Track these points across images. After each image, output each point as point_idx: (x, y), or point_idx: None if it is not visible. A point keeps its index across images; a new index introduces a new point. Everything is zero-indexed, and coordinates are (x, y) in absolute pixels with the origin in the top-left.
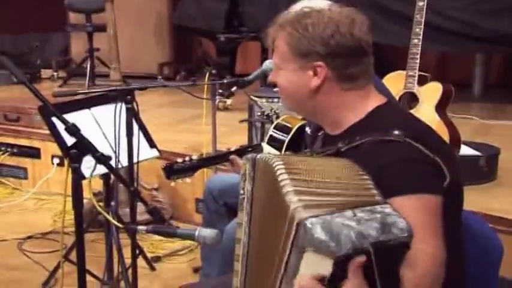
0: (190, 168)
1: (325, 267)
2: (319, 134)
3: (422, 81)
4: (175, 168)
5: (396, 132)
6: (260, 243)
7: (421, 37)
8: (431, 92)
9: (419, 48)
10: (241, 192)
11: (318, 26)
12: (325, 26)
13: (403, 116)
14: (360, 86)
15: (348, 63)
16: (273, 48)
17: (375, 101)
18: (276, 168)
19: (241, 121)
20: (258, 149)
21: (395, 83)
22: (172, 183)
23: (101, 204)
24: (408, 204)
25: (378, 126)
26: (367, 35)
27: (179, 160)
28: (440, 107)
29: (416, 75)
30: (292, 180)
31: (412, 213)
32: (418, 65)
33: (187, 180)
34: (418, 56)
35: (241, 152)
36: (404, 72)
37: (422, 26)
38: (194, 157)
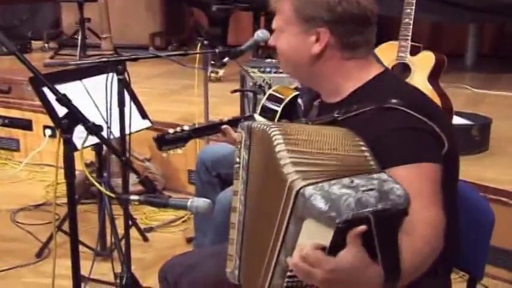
0: (182, 138)
1: (325, 236)
2: (315, 102)
3: (414, 51)
4: (167, 139)
5: (394, 100)
6: (256, 212)
7: (413, 6)
8: (423, 62)
9: (412, 18)
10: (237, 160)
11: None
12: None
13: (400, 85)
14: (361, 55)
15: (352, 32)
16: (275, 10)
17: (375, 70)
18: (273, 138)
19: (233, 91)
20: (250, 119)
21: (387, 53)
22: (164, 154)
23: (93, 175)
24: (408, 173)
25: (376, 94)
26: (372, 4)
27: (171, 131)
28: (433, 77)
29: (409, 45)
30: (290, 151)
31: (412, 181)
32: (410, 34)
33: (179, 151)
34: (411, 26)
35: (233, 122)
36: (396, 43)
37: None
38: (186, 127)
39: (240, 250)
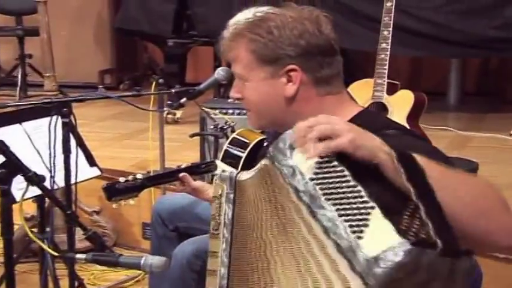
0: (135, 188)
1: None
2: None
3: (391, 89)
4: (118, 188)
5: (389, 131)
6: (249, 274)
7: (389, 41)
8: (401, 102)
9: (388, 53)
10: (215, 217)
11: (283, 27)
12: (291, 26)
13: (386, 120)
14: (336, 90)
15: (322, 64)
16: (231, 61)
17: (353, 107)
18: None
19: (192, 135)
20: (211, 166)
21: (362, 91)
22: (115, 206)
23: (34, 230)
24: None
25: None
26: (333, 33)
27: (122, 179)
28: (412, 118)
29: (385, 83)
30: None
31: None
32: (387, 71)
33: (132, 202)
34: (387, 62)
35: (192, 169)
36: (372, 80)
37: (391, 29)
38: (139, 176)
39: None
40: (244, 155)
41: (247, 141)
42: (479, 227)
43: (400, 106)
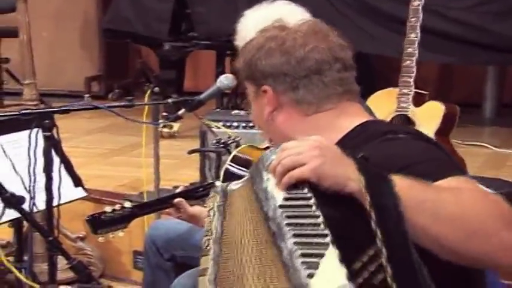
0: (123, 218)
1: None
2: None
3: (419, 100)
4: (104, 220)
5: (400, 135)
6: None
7: (416, 45)
8: (430, 114)
9: (415, 59)
10: (206, 233)
11: (259, 48)
12: (267, 47)
13: (396, 126)
14: (328, 106)
15: (295, 86)
16: None
17: (354, 119)
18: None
19: (191, 152)
20: (211, 188)
21: (384, 103)
22: (101, 239)
23: (11, 259)
24: (453, 183)
25: (371, 137)
26: (320, 51)
27: (108, 209)
28: (442, 133)
29: (412, 93)
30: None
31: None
32: (413, 80)
33: (120, 233)
34: (414, 69)
35: (189, 194)
36: (396, 90)
37: (418, 32)
38: (127, 204)
39: None
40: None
41: (251, 158)
42: (472, 248)
43: (428, 119)
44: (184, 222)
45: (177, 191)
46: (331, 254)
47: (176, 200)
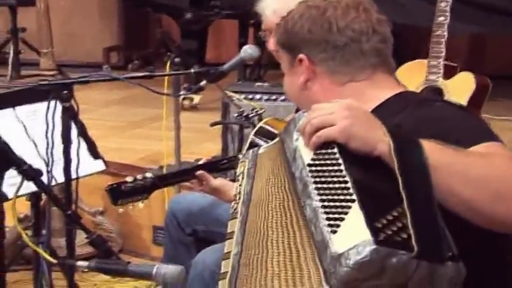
0: (144, 189)
1: None
2: None
3: (449, 72)
4: (124, 190)
5: (431, 102)
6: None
7: (448, 14)
8: (460, 87)
9: (446, 29)
10: (235, 197)
11: (299, 17)
12: (307, 16)
13: (431, 96)
14: (360, 78)
15: (332, 56)
16: None
17: (387, 90)
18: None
19: (213, 124)
20: (234, 162)
21: (414, 75)
22: (121, 210)
23: (28, 233)
24: (486, 149)
25: (408, 105)
26: (359, 21)
27: (129, 179)
28: (473, 106)
29: (442, 64)
30: None
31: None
32: (444, 51)
33: (141, 205)
34: (445, 40)
35: (212, 166)
36: (425, 61)
37: (449, 0)
38: (148, 174)
39: None
40: None
41: (276, 131)
42: (499, 211)
43: (458, 92)
44: (207, 196)
45: (200, 163)
46: (355, 212)
47: (199, 172)
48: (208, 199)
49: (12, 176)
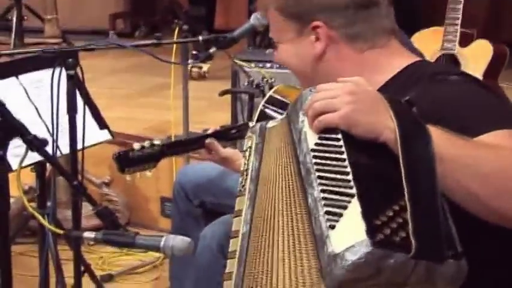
0: (152, 156)
1: None
2: None
3: (465, 39)
4: (132, 158)
5: (449, 76)
6: (268, 222)
7: None
8: (477, 54)
9: None
10: (242, 173)
11: None
12: None
13: (448, 66)
14: (379, 43)
15: (354, 19)
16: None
17: (404, 59)
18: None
19: (222, 93)
20: (244, 130)
21: (429, 42)
22: (128, 178)
23: (33, 204)
24: (497, 138)
25: (420, 78)
26: None
27: (136, 146)
28: (490, 75)
29: (458, 31)
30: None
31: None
32: (460, 18)
33: (148, 173)
34: (461, 6)
35: (221, 134)
36: (441, 29)
37: None
38: (157, 142)
39: (241, 285)
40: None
41: (287, 100)
42: (505, 207)
43: (475, 60)
44: (215, 167)
45: (209, 131)
46: (355, 207)
47: (208, 141)
48: (217, 170)
49: (16, 146)
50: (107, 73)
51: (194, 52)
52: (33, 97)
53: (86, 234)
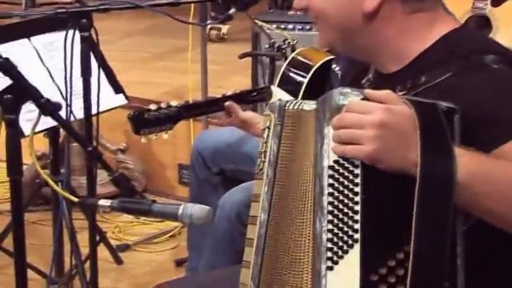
0: (169, 118)
1: None
2: (364, 80)
3: (497, 0)
4: (148, 118)
5: (487, 56)
6: (286, 219)
7: None
8: (510, 15)
9: None
10: (261, 154)
11: None
12: None
13: (486, 39)
14: (428, 6)
15: None
16: None
17: (444, 25)
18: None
19: (243, 55)
20: (265, 93)
21: (458, 2)
22: (144, 140)
23: (47, 171)
24: None
25: (455, 53)
26: None
27: (152, 107)
28: None
29: None
30: None
31: None
32: None
33: (165, 135)
34: None
35: (241, 97)
36: None
37: None
38: (173, 103)
39: (259, 276)
40: (306, 80)
41: (311, 63)
42: None
43: (508, 22)
44: (234, 133)
45: (228, 94)
46: (356, 254)
47: (227, 103)
48: (236, 135)
49: (29, 111)
50: (123, 35)
51: (213, 13)
52: (45, 60)
53: (101, 202)
